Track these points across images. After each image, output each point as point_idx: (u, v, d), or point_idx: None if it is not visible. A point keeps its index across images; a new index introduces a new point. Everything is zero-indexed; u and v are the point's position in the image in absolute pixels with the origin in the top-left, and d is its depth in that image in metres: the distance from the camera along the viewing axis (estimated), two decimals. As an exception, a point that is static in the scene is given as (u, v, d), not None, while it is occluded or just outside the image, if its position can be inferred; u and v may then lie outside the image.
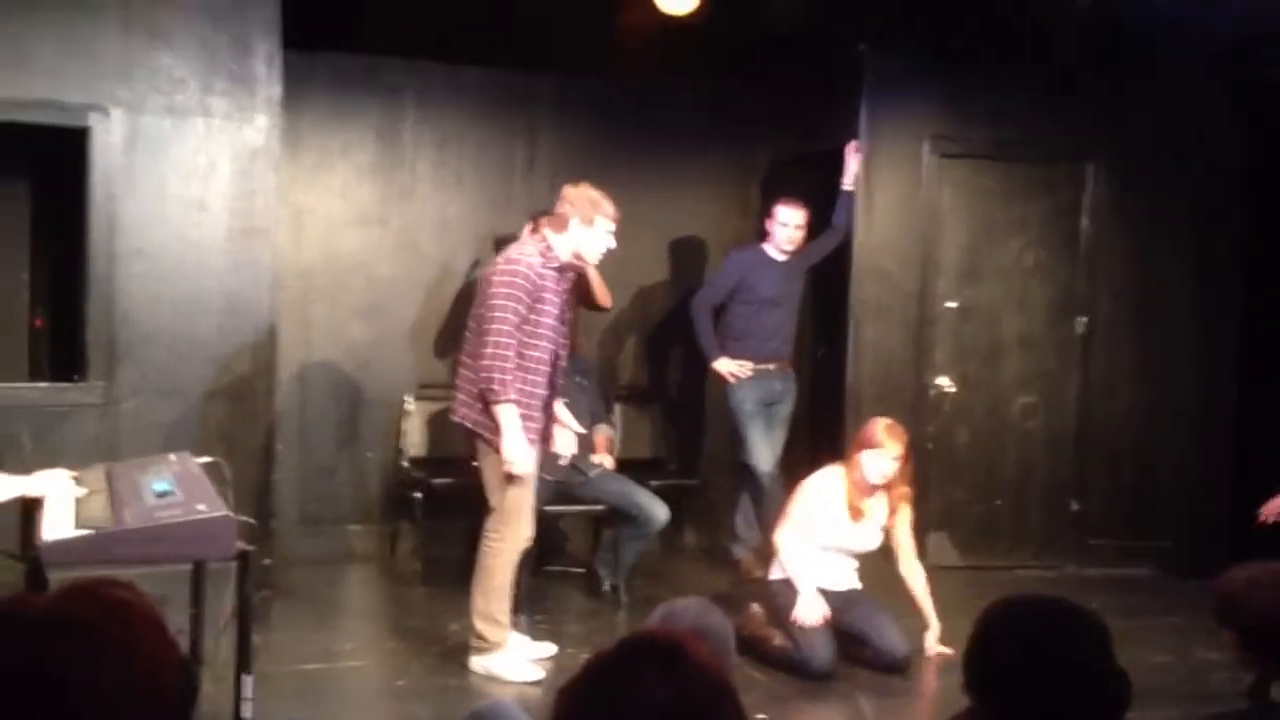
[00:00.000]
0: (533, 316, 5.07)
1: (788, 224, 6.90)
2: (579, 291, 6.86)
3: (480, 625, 5.22)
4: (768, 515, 6.89)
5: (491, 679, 5.17)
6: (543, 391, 5.20)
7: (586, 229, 5.18)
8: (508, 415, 5.01)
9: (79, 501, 3.80)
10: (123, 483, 3.96)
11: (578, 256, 5.26)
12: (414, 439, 7.11)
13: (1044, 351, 7.45)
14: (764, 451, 6.84)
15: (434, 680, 5.21)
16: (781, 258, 6.96)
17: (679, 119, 7.71)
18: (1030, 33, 6.71)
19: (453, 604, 5.82)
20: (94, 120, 5.96)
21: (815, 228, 7.05)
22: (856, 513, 5.51)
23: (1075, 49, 6.95)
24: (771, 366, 6.92)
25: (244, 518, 3.85)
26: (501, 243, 6.37)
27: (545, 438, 5.39)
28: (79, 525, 3.59)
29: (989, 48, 7.07)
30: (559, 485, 6.25)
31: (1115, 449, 7.48)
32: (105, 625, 1.69)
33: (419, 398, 7.16)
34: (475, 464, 5.30)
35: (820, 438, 7.45)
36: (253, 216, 6.26)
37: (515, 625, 5.43)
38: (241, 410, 6.21)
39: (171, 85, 6.11)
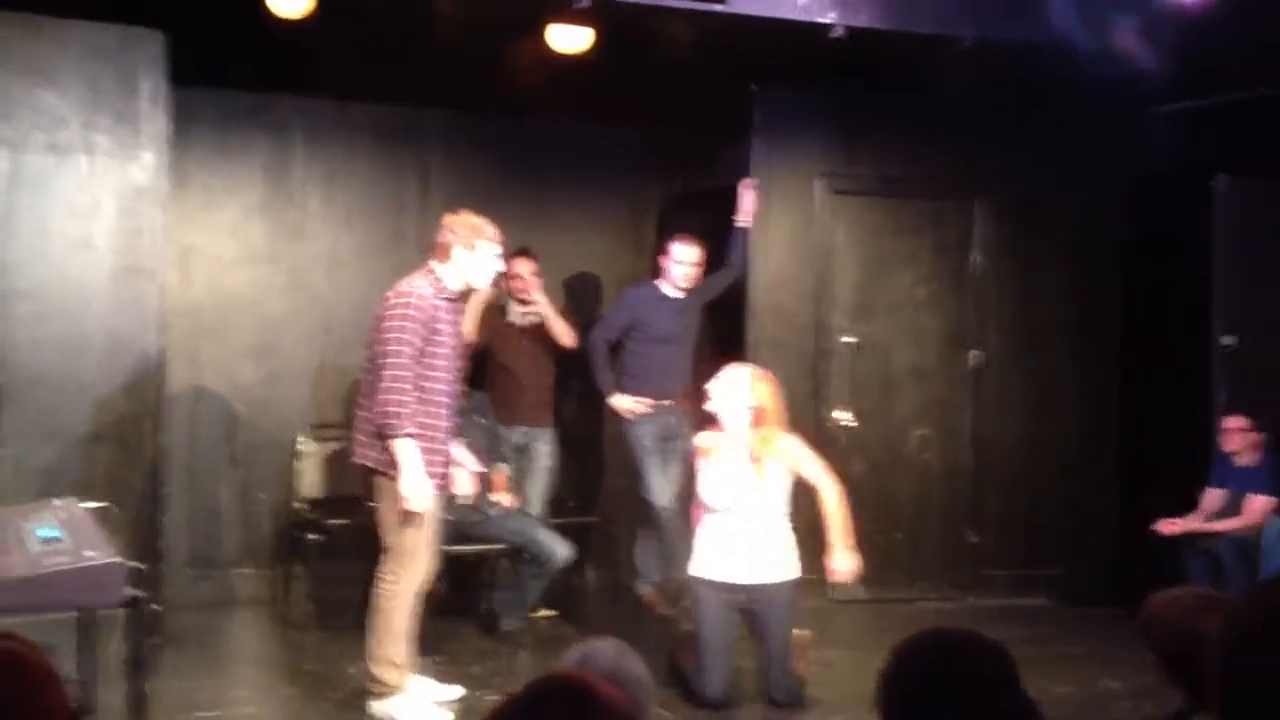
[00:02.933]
0: (428, 348, 5.00)
1: (683, 261, 6.92)
2: (541, 337, 6.83)
3: (377, 670, 5.11)
4: (669, 550, 6.91)
5: None
6: (444, 424, 5.11)
7: (471, 255, 5.12)
8: (405, 450, 4.92)
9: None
10: (7, 529, 3.84)
11: (469, 285, 5.23)
12: (307, 480, 6.98)
13: (937, 384, 7.58)
14: (663, 487, 6.83)
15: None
16: (676, 295, 6.99)
17: (572, 156, 7.72)
18: (919, 71, 6.86)
19: (348, 648, 5.71)
20: (-27, 159, 5.79)
21: (710, 264, 7.09)
22: (706, 454, 5.33)
23: (963, 88, 7.11)
24: (668, 402, 6.93)
25: (132, 563, 3.74)
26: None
27: (446, 474, 5.28)
28: (-39, 574, 3.45)
29: (878, 86, 7.21)
30: (458, 524, 6.17)
31: (1008, 480, 7.63)
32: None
33: (312, 438, 7.03)
34: (373, 505, 5.21)
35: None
36: (139, 255, 6.11)
37: (419, 668, 5.34)
38: (127, 452, 6.04)
39: (54, 123, 5.96)
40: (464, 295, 5.27)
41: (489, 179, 7.44)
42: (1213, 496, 6.84)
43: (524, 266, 6.83)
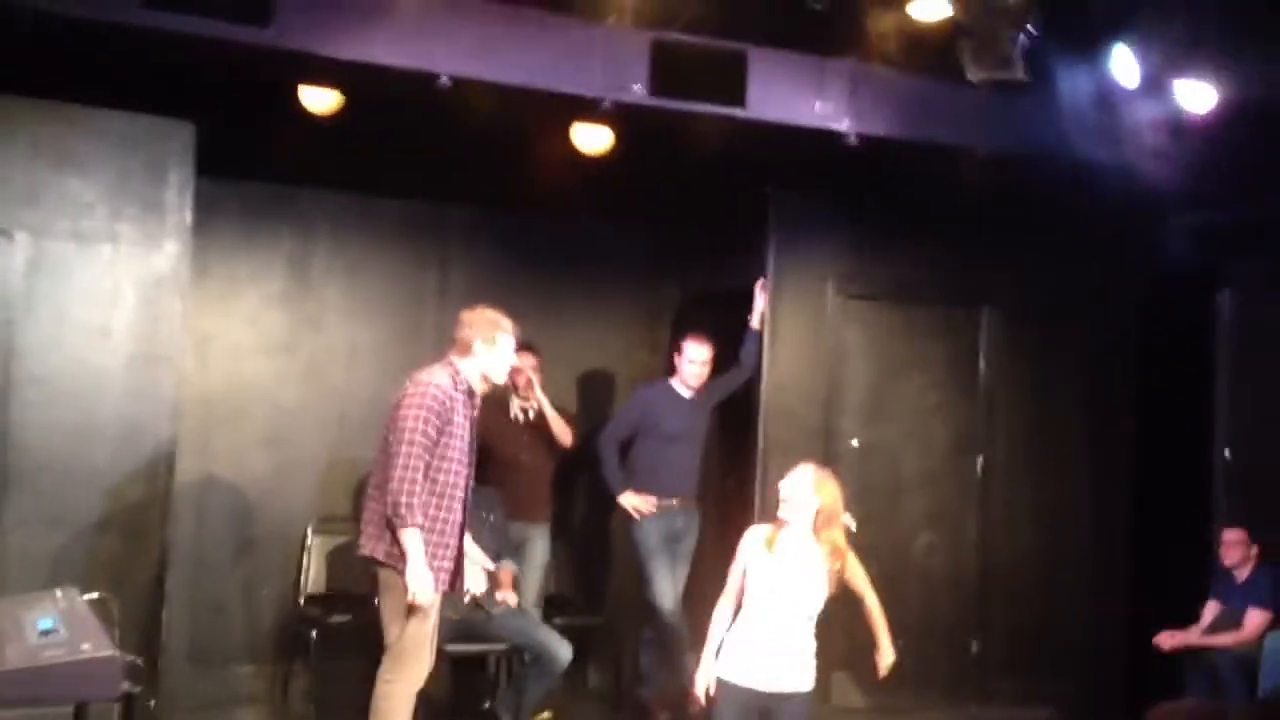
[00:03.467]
0: (443, 439, 5.03)
1: (695, 360, 6.97)
2: (540, 432, 6.86)
3: None
4: (672, 654, 6.85)
5: None
6: (455, 518, 5.11)
7: (490, 349, 5.20)
8: (412, 540, 4.93)
9: (-42, 640, 3.67)
10: (5, 619, 3.84)
11: (485, 378, 5.27)
12: (313, 574, 6.97)
13: (944, 490, 7.56)
14: (667, 588, 6.81)
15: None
16: (688, 394, 7.02)
17: (590, 255, 7.80)
18: (934, 179, 6.93)
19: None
20: (-3, 243, 5.87)
21: (723, 364, 7.12)
22: (771, 544, 5.12)
23: (976, 196, 7.19)
24: (675, 502, 6.92)
25: (130, 657, 3.74)
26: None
27: (455, 570, 5.24)
28: (-43, 666, 3.46)
29: (892, 192, 7.29)
30: (461, 623, 6.15)
31: (1014, 589, 7.57)
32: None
33: (318, 531, 7.04)
34: (376, 601, 5.20)
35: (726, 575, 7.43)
36: (156, 343, 6.14)
37: None
38: (133, 542, 6.01)
39: (79, 210, 6.03)
40: (474, 390, 5.30)
41: (507, 275, 7.52)
42: (1212, 610, 6.80)
43: (526, 360, 6.87)
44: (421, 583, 4.94)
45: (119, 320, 6.10)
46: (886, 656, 5.42)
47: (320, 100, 6.30)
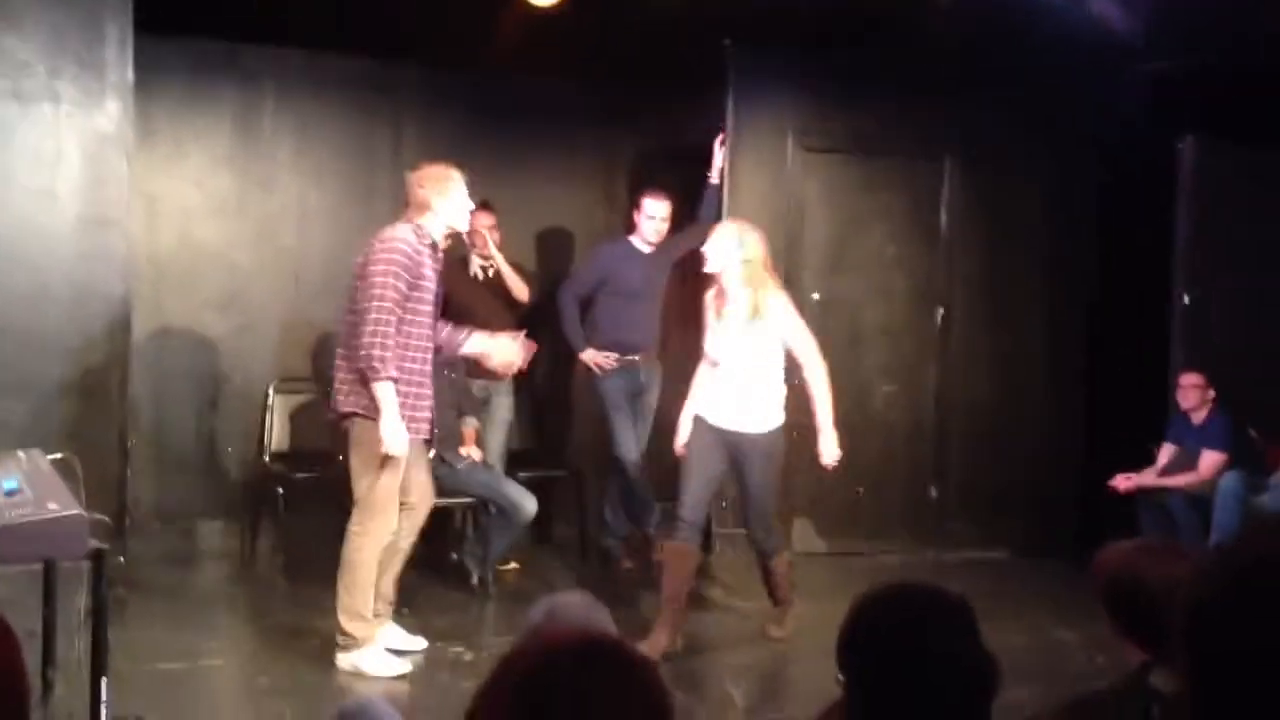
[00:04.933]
0: (413, 295, 5.05)
1: (654, 216, 6.92)
2: (500, 289, 6.82)
3: (345, 621, 5.14)
4: (636, 506, 6.94)
5: (358, 676, 5.09)
6: (425, 371, 5.15)
7: (445, 200, 5.19)
8: (385, 392, 4.96)
9: (-79, 501, 3.63)
10: (-32, 482, 3.80)
11: (449, 228, 5.28)
12: (276, 432, 6.97)
13: (904, 341, 7.61)
14: (630, 441, 6.87)
15: (296, 678, 5.12)
16: (647, 249, 6.99)
17: (545, 112, 7.67)
18: (892, 29, 6.84)
19: (315, 602, 5.72)
20: (-67, 106, 5.71)
21: (682, 220, 7.08)
22: (715, 310, 5.55)
23: (935, 46, 7.10)
24: (637, 357, 6.94)
25: (97, 515, 3.72)
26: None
27: (433, 425, 5.30)
28: (-78, 526, 3.43)
29: (851, 44, 7.19)
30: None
31: (972, 437, 7.68)
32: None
33: (279, 390, 7.01)
34: (344, 458, 5.21)
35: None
36: (104, 205, 6.05)
37: (393, 618, 5.42)
38: (93, 405, 6.00)
39: (16, 69, 5.87)
40: (442, 244, 5.30)
41: (461, 133, 7.39)
42: (1167, 452, 6.93)
43: (483, 220, 6.78)
44: (395, 434, 4.97)
45: (64, 182, 6.00)
46: (828, 446, 5.59)
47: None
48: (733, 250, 5.44)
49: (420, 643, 5.44)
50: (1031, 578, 6.99)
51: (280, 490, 6.68)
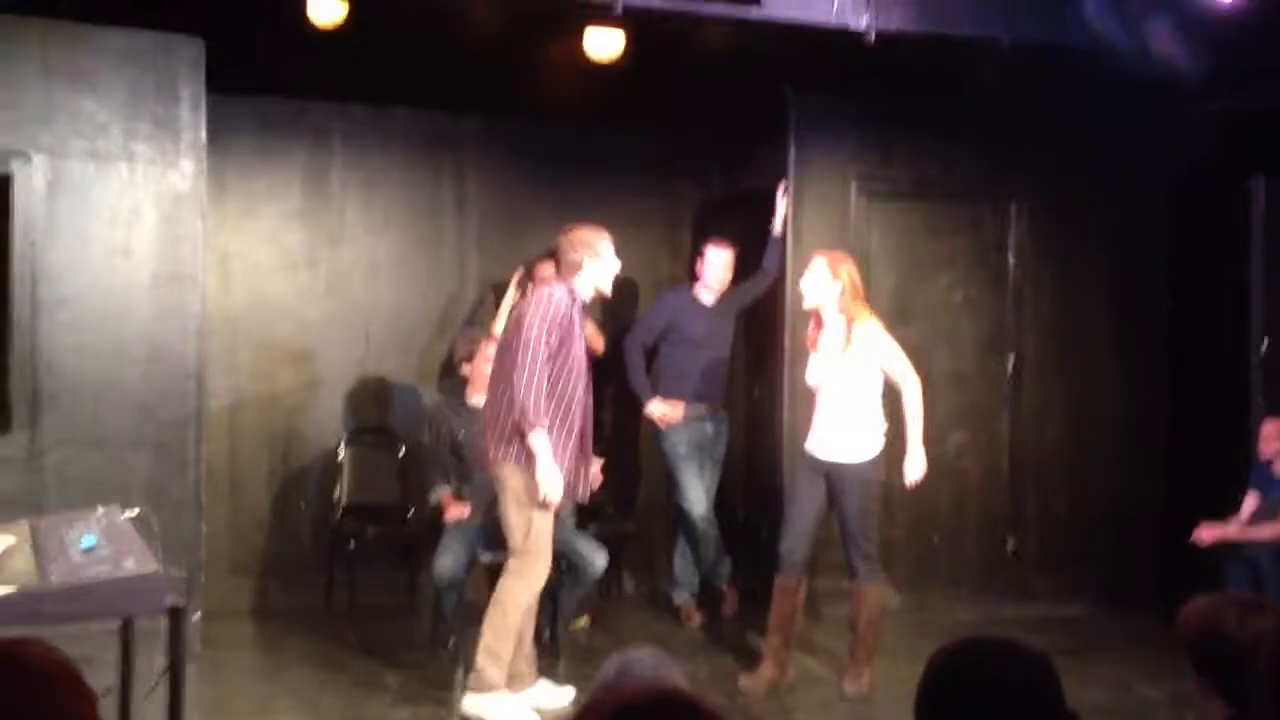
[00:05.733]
0: (562, 353, 5.20)
1: (714, 263, 6.94)
2: None
3: (483, 661, 5.21)
4: (704, 558, 6.89)
5: None
6: (576, 425, 5.28)
7: (597, 260, 5.37)
8: (539, 439, 5.09)
9: (2, 557, 3.68)
10: (48, 538, 3.84)
11: (597, 290, 5.44)
12: (347, 487, 7.01)
13: (975, 389, 7.51)
14: (698, 495, 6.82)
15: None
16: (711, 298, 6.98)
17: (607, 162, 7.71)
18: (954, 73, 6.80)
19: (388, 655, 5.74)
20: (15, 166, 5.83)
21: (746, 270, 7.07)
22: (811, 341, 5.78)
23: (998, 89, 7.06)
24: (703, 408, 6.91)
25: (173, 572, 3.75)
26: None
27: (576, 475, 5.40)
28: (2, 582, 3.47)
29: (913, 88, 7.16)
30: (496, 532, 6.16)
31: (1047, 486, 7.55)
32: (16, 689, 1.63)
33: (350, 443, 7.06)
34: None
35: (756, 478, 7.45)
36: (178, 262, 6.14)
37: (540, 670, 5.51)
38: (169, 460, 6.06)
39: (94, 130, 5.99)
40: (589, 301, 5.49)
41: (525, 184, 7.46)
42: (1252, 501, 6.76)
43: (549, 271, 6.81)
44: (551, 479, 5.09)
45: (139, 240, 6.09)
46: (913, 464, 5.73)
47: (325, 13, 6.18)
48: (827, 281, 5.64)
49: (570, 692, 5.48)
50: (1113, 632, 6.84)
51: (351, 544, 6.71)
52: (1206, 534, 6.64)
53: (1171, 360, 7.62)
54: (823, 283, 5.67)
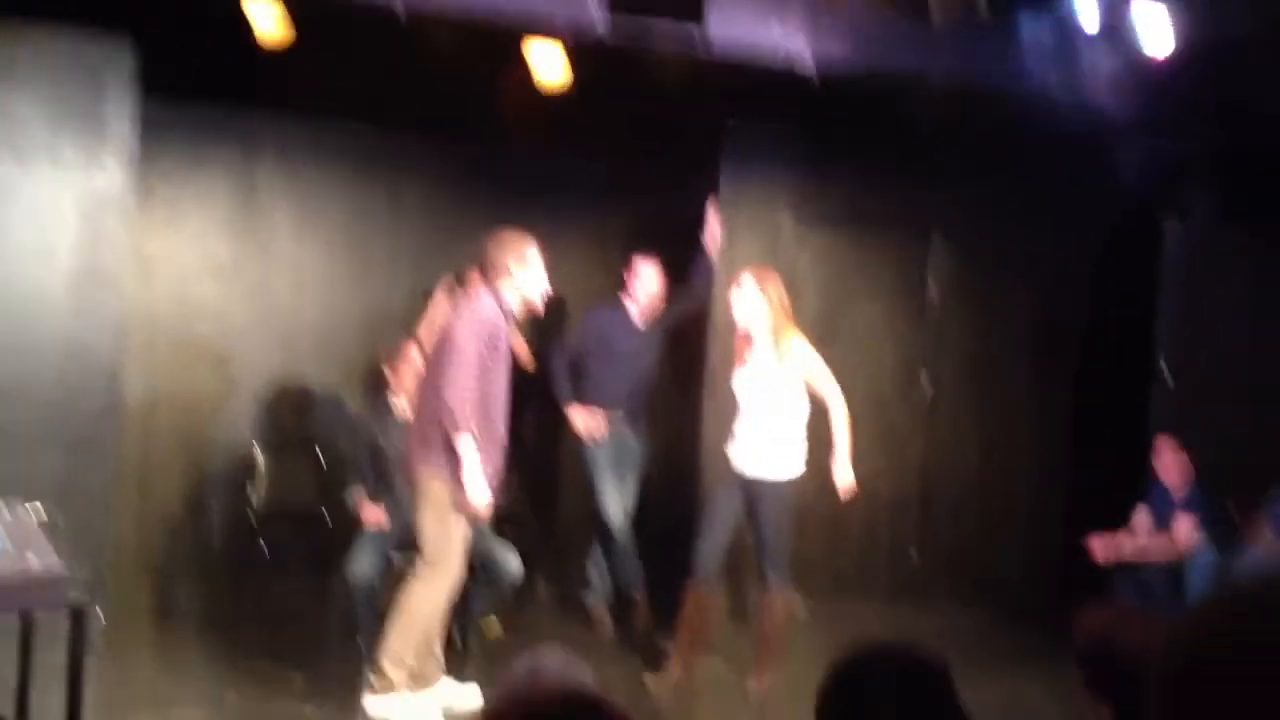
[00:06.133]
0: (489, 361, 5.22)
1: (644, 277, 7.02)
2: None
3: (387, 665, 5.20)
4: (619, 567, 6.92)
5: None
6: (499, 435, 5.30)
7: (522, 266, 5.38)
8: (467, 446, 5.08)
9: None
10: (-51, 531, 3.78)
11: (524, 299, 5.44)
12: (262, 492, 6.94)
13: (892, 413, 7.63)
14: (615, 503, 6.88)
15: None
16: (638, 313, 7.03)
17: (542, 182, 7.72)
18: (889, 109, 6.91)
19: (296, 657, 5.69)
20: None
21: (675, 291, 7.13)
22: (739, 356, 5.89)
23: (929, 123, 7.18)
24: (624, 418, 6.97)
25: (77, 569, 3.71)
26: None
27: (497, 482, 5.43)
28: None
29: (848, 120, 7.25)
30: (409, 535, 6.13)
31: (955, 505, 7.72)
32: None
33: (267, 449, 7.00)
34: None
35: (673, 492, 7.49)
36: (99, 263, 6.07)
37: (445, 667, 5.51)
38: (81, 459, 5.98)
39: (16, 126, 5.91)
40: (517, 312, 5.51)
41: (459, 202, 7.46)
42: (1143, 516, 6.91)
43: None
44: (477, 486, 5.11)
45: (61, 240, 6.01)
46: (841, 474, 5.84)
47: (267, 24, 6.14)
48: (757, 298, 5.76)
49: (474, 690, 5.48)
50: (1010, 641, 6.98)
51: (264, 549, 6.64)
52: (1100, 550, 6.80)
53: (1080, 388, 7.80)
54: (752, 299, 5.79)
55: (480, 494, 5.14)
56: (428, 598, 5.22)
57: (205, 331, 7.05)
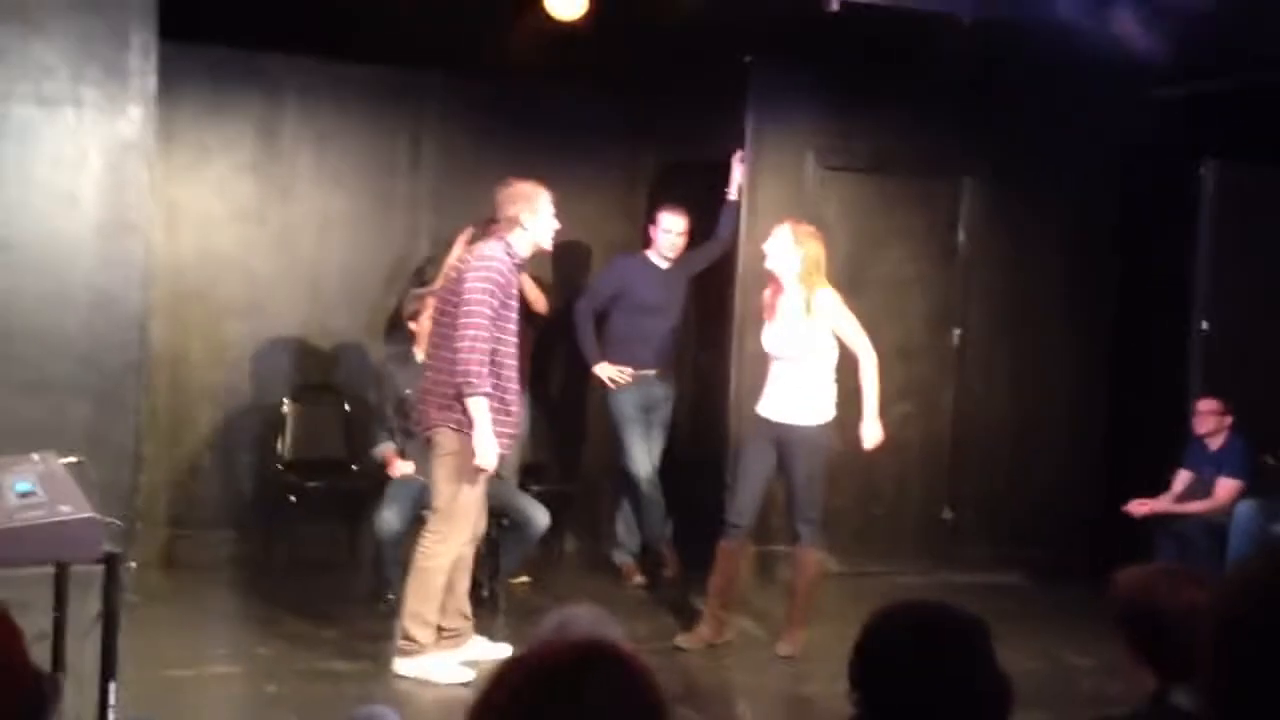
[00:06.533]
0: (502, 314, 5.15)
1: (670, 230, 6.93)
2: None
3: (409, 626, 5.19)
4: (647, 520, 6.92)
5: (423, 681, 5.15)
6: (513, 388, 5.24)
7: (535, 217, 5.30)
8: (479, 407, 5.05)
9: (-66, 502, 3.63)
10: (-18, 482, 3.79)
11: (536, 245, 5.37)
12: (289, 441, 6.96)
13: (921, 362, 7.57)
14: (643, 457, 6.85)
15: (305, 686, 5.11)
16: (664, 264, 6.98)
17: (565, 123, 7.66)
18: (912, 48, 6.81)
19: (326, 609, 5.72)
20: (-43, 107, 5.73)
21: (700, 236, 7.07)
22: (768, 308, 5.82)
23: (955, 65, 7.08)
24: (651, 372, 6.93)
25: (110, 519, 3.72)
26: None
27: (513, 436, 5.42)
28: (-65, 526, 3.42)
29: (875, 61, 7.16)
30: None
31: (988, 459, 7.63)
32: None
33: (294, 399, 7.01)
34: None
35: (701, 444, 7.47)
36: (124, 211, 6.06)
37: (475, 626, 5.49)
38: (109, 409, 5.99)
39: (41, 73, 5.89)
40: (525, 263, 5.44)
41: (481, 143, 7.39)
42: (1184, 478, 6.88)
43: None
44: (487, 448, 5.05)
45: (86, 186, 6.00)
46: (869, 430, 5.81)
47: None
48: (789, 248, 5.69)
49: (506, 649, 5.41)
50: (1046, 601, 6.93)
51: (293, 499, 6.67)
52: (1138, 507, 6.78)
53: (1117, 339, 7.71)
54: (785, 250, 5.71)
55: (491, 454, 5.09)
56: (442, 553, 5.18)
57: (230, 280, 7.04)
